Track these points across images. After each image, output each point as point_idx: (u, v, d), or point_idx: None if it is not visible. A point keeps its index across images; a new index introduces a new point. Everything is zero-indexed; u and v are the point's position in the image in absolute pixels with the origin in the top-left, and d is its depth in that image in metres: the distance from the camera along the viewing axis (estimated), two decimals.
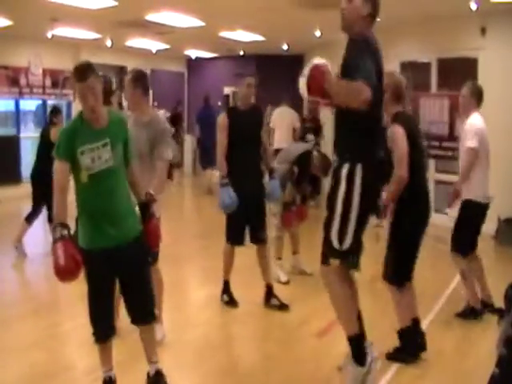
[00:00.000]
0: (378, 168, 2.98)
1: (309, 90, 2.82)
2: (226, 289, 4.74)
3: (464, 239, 4.34)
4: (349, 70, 2.73)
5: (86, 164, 2.78)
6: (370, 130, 2.91)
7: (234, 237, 4.56)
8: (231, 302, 4.70)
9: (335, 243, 2.91)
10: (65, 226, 2.67)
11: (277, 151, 9.13)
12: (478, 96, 4.33)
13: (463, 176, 4.27)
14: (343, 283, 3.03)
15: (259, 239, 4.61)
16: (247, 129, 4.45)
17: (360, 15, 2.89)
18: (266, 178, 4.69)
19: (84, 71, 2.76)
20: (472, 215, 4.32)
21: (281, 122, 9.09)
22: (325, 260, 3.02)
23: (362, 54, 2.73)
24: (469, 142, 4.20)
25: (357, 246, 2.95)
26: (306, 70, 2.84)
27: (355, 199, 2.85)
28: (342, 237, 2.90)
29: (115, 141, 2.88)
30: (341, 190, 2.89)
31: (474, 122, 4.27)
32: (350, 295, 3.06)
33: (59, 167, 2.78)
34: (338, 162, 2.97)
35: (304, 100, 9.21)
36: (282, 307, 4.60)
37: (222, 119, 4.49)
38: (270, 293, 4.67)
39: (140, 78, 3.75)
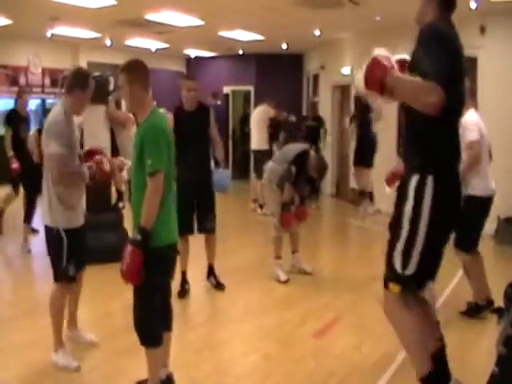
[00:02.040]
0: (455, 183, 2.52)
1: (366, 83, 2.35)
2: (183, 279, 4.92)
3: (467, 235, 4.36)
4: (418, 64, 2.32)
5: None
6: (445, 137, 2.43)
7: (183, 227, 4.59)
8: (182, 292, 4.85)
9: (397, 267, 2.49)
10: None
11: (255, 152, 9.24)
12: (473, 94, 4.39)
13: (466, 170, 4.28)
14: (410, 310, 2.51)
15: (206, 228, 4.92)
16: (193, 129, 4.70)
17: (428, 11, 2.51)
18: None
19: (122, 65, 2.94)
20: (475, 210, 4.34)
21: (256, 122, 9.22)
22: (385, 283, 2.58)
23: (435, 46, 2.29)
24: (470, 135, 4.23)
25: (424, 273, 2.50)
26: (366, 62, 2.39)
27: (424, 216, 2.40)
28: (405, 261, 2.46)
29: (135, 144, 2.87)
30: (407, 206, 2.44)
31: (472, 117, 4.32)
32: (420, 325, 2.52)
33: None
34: (405, 172, 2.52)
35: (359, 93, 9.13)
36: (218, 286, 5.05)
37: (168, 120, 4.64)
38: (211, 271, 5.12)
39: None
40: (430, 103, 2.16)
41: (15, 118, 6.51)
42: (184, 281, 4.93)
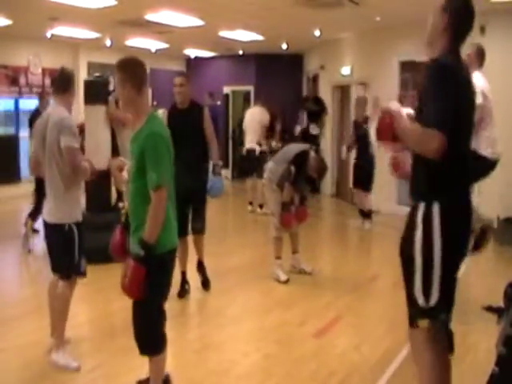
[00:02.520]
0: (463, 207, 2.48)
1: (378, 135, 2.52)
2: (183, 279, 4.93)
3: None
4: (424, 106, 2.37)
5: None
6: (450, 164, 2.37)
7: (181, 228, 4.56)
8: (182, 292, 4.86)
9: (421, 301, 2.41)
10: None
11: (248, 151, 9.28)
12: (481, 57, 4.42)
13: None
14: (435, 350, 2.47)
15: (195, 229, 4.94)
16: (185, 126, 4.62)
17: (439, 29, 2.47)
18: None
19: (118, 61, 2.80)
20: (479, 170, 4.38)
21: (250, 122, 9.29)
22: (412, 322, 2.50)
23: (441, 88, 2.30)
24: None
25: (447, 300, 2.46)
26: (378, 115, 2.55)
27: (436, 245, 2.36)
28: (427, 291, 2.39)
29: (134, 151, 2.77)
30: (417, 236, 2.40)
31: (477, 81, 4.34)
32: (443, 365, 2.50)
33: None
34: (412, 201, 2.53)
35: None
36: (204, 283, 5.09)
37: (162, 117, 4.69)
38: (200, 265, 5.15)
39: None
40: (431, 151, 2.24)
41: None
42: (184, 281, 4.93)
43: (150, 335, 2.85)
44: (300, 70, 13.10)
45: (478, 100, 4.22)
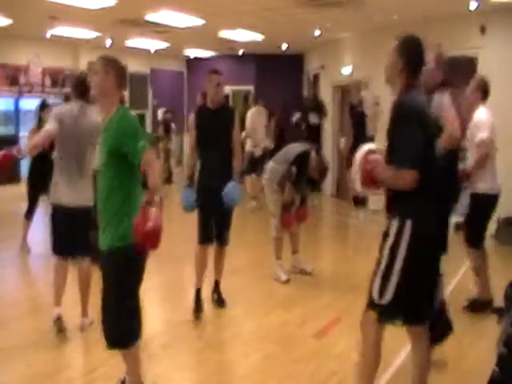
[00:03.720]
0: (433, 224, 2.69)
1: (362, 184, 2.78)
2: (198, 297, 4.46)
3: (476, 232, 4.49)
4: (395, 144, 2.62)
5: (97, 158, 2.87)
6: (422, 185, 2.58)
7: (204, 235, 4.42)
8: (197, 310, 4.41)
9: (374, 294, 2.71)
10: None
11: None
12: (484, 90, 4.42)
13: (476, 168, 4.35)
14: (377, 341, 2.83)
15: (222, 239, 4.48)
16: (216, 128, 4.36)
17: (397, 70, 2.69)
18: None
19: (100, 56, 2.85)
20: (482, 208, 4.42)
21: (263, 123, 9.46)
22: (366, 308, 2.84)
23: (406, 127, 2.57)
24: (481, 134, 4.30)
25: (400, 305, 2.68)
26: (357, 162, 2.75)
27: (401, 252, 2.62)
28: (382, 290, 2.67)
29: (104, 142, 2.80)
30: (387, 245, 2.68)
31: (483, 115, 4.35)
32: (377, 355, 2.85)
33: None
34: (388, 215, 2.78)
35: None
36: (219, 302, 4.62)
37: (191, 119, 4.52)
38: (217, 286, 4.69)
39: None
40: (405, 186, 2.56)
41: None
42: (198, 299, 4.47)
43: (123, 327, 2.83)
44: (300, 70, 13.10)
45: (484, 135, 4.28)
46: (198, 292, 4.46)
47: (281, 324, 4.33)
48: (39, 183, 5.80)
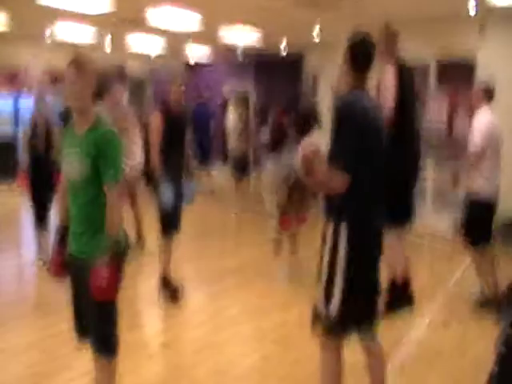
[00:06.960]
0: (370, 227, 2.65)
1: (305, 173, 2.64)
2: (166, 283, 4.75)
3: (472, 232, 4.57)
4: (333, 144, 2.60)
5: (64, 169, 2.70)
6: (357, 187, 2.54)
7: (170, 228, 4.67)
8: (174, 294, 4.72)
9: (320, 307, 2.63)
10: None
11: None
12: (489, 94, 4.49)
13: (470, 168, 4.41)
14: (332, 354, 2.76)
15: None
16: (178, 130, 4.59)
17: (345, 70, 2.70)
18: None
19: (74, 59, 2.60)
20: (479, 214, 4.45)
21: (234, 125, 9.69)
22: (312, 321, 2.74)
23: (346, 130, 2.53)
24: (474, 140, 4.32)
25: (348, 317, 2.61)
26: (300, 155, 2.64)
27: (340, 260, 2.54)
28: (327, 302, 2.60)
29: (84, 152, 2.61)
30: (326, 249, 2.61)
31: (482, 120, 4.38)
32: (335, 371, 2.79)
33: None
34: (325, 217, 2.71)
35: None
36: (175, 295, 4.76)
37: (155, 119, 4.58)
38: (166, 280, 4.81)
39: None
40: (333, 190, 2.52)
41: None
42: (168, 283, 4.78)
43: (112, 336, 2.78)
44: (300, 71, 13.10)
45: (478, 142, 4.32)
46: (166, 279, 4.75)
47: (280, 324, 4.34)
48: (42, 185, 5.64)
